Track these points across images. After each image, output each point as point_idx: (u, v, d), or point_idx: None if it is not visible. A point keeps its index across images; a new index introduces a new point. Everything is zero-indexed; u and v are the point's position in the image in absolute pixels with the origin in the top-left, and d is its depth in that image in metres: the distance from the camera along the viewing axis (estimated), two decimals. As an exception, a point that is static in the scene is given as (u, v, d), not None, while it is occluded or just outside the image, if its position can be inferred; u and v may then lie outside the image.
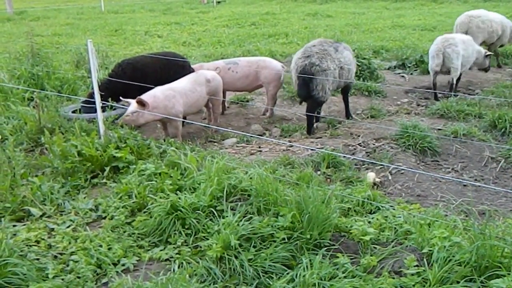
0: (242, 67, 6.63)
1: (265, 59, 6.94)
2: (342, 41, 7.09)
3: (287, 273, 3.06)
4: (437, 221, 3.50)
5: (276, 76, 6.69)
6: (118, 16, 18.79)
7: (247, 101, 7.41)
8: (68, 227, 3.79)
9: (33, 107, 5.83)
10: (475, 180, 4.87)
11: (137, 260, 3.39)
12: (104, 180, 4.52)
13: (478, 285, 2.77)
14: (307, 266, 3.04)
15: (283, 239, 3.27)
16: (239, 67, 6.62)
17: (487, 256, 2.90)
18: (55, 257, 3.42)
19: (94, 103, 5.17)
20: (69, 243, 3.55)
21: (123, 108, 5.70)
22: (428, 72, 8.94)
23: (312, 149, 5.19)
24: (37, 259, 3.35)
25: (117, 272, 3.26)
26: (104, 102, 5.28)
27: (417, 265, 2.99)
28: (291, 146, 5.48)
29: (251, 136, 5.85)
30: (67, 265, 3.29)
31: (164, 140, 5.34)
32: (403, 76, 8.76)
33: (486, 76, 8.93)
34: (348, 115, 6.76)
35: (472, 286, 2.79)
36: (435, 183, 4.66)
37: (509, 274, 2.74)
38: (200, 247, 3.43)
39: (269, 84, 6.71)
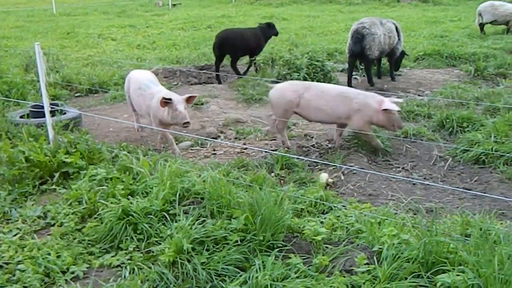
0: None
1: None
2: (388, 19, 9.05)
3: (240, 275, 3.06)
4: (387, 219, 3.57)
5: None
6: (70, 19, 18.35)
7: (202, 104, 7.38)
8: (14, 235, 3.67)
9: (-22, 112, 5.64)
10: (424, 178, 5.00)
11: (87, 268, 3.31)
12: (54, 186, 4.41)
13: (425, 281, 2.85)
14: (259, 268, 3.04)
15: (236, 241, 3.27)
16: None
17: (433, 252, 2.98)
18: (1, 267, 3.29)
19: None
20: (16, 252, 3.43)
21: (73, 112, 5.57)
22: (379, 75, 9.17)
23: (266, 151, 5.21)
24: (-19, 269, 3.23)
25: (66, 280, 3.18)
26: (53, 106, 5.15)
27: (367, 263, 3.04)
28: (246, 148, 5.49)
29: (205, 139, 5.83)
30: (13, 275, 3.19)
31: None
32: (355, 78, 8.91)
33: (436, 77, 9.21)
34: (392, 77, 9.02)
35: (419, 282, 2.85)
36: (386, 182, 4.77)
37: (454, 269, 2.83)
38: (153, 252, 3.38)
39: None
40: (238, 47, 8.91)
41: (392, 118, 5.33)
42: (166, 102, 5.14)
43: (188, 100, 5.31)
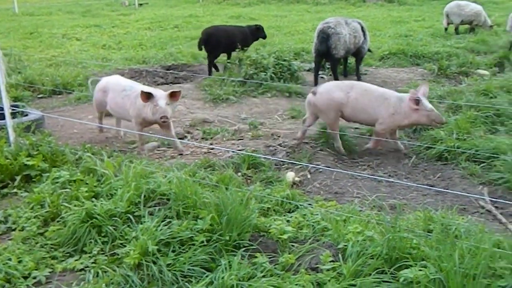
0: None
1: None
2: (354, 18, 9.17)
3: (206, 276, 3.04)
4: (352, 217, 3.62)
5: None
6: (33, 19, 17.92)
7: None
8: (-26, 241, 3.57)
9: None
10: (389, 176, 5.08)
11: (49, 272, 3.23)
12: (15, 190, 4.30)
13: (388, 277, 2.89)
14: (226, 268, 3.03)
15: (202, 242, 3.25)
16: None
17: (397, 248, 3.03)
18: (-41, 273, 3.20)
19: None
20: (-25, 258, 3.33)
21: (35, 113, 5.45)
22: (345, 74, 9.28)
23: (233, 151, 5.20)
24: None
25: (27, 285, 3.10)
26: (13, 108, 5.03)
27: (332, 261, 3.07)
28: (212, 148, 5.47)
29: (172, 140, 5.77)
30: (-28, 282, 3.10)
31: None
32: (322, 77, 8.98)
33: (400, 76, 9.36)
34: (358, 76, 8.97)
35: (383, 277, 2.89)
36: (352, 180, 4.82)
37: (416, 264, 2.88)
38: (117, 254, 3.33)
39: None
40: (222, 44, 9.03)
41: (431, 115, 5.26)
42: (148, 97, 5.12)
43: (172, 96, 5.26)
